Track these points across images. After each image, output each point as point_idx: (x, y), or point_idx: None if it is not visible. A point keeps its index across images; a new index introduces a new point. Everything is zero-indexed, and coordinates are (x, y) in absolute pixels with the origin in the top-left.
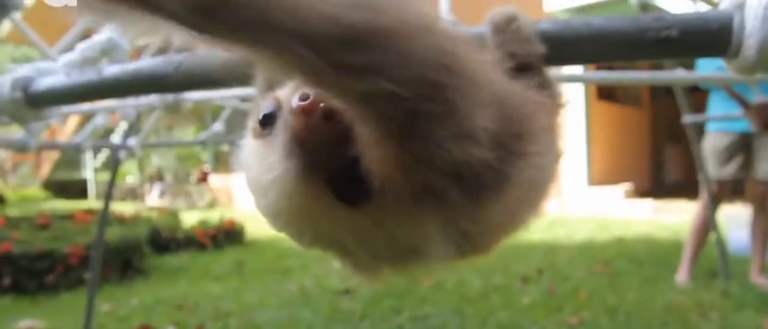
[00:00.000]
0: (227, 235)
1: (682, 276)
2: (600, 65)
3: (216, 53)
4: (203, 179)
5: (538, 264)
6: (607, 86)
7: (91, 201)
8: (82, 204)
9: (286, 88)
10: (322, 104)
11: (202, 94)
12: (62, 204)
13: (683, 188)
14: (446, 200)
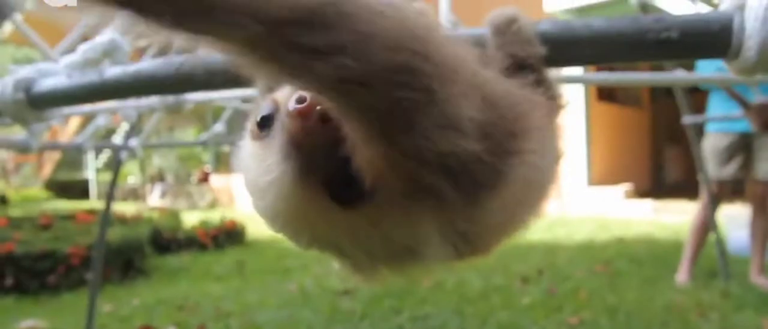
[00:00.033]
0: (228, 235)
1: (682, 276)
2: (600, 66)
3: (215, 54)
4: (204, 179)
5: (538, 264)
6: (607, 86)
7: (93, 202)
8: (84, 205)
9: (285, 90)
10: (319, 107)
11: (203, 95)
12: (64, 204)
13: (683, 188)
14: (441, 198)
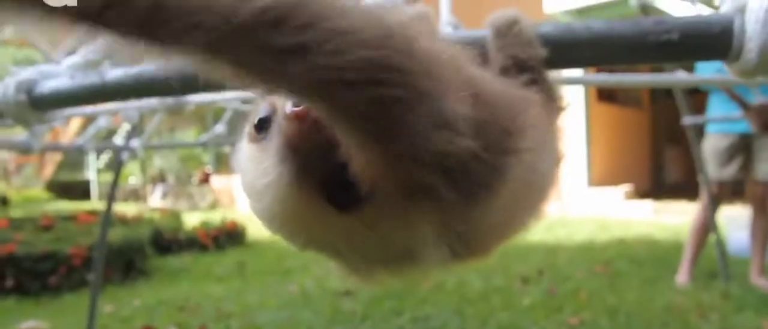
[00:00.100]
0: (229, 236)
1: (682, 277)
2: (600, 67)
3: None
4: (205, 180)
5: (538, 264)
6: (607, 87)
7: (94, 202)
8: (85, 205)
9: None
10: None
11: (204, 96)
12: (65, 205)
13: (683, 189)
14: (438, 199)
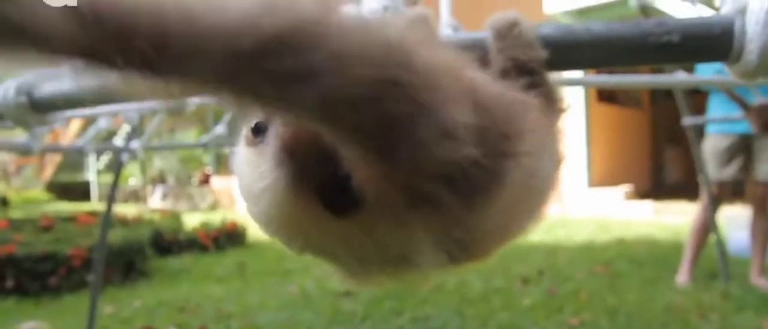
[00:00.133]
0: (229, 237)
1: (682, 277)
2: (600, 69)
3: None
4: (205, 181)
5: (538, 265)
6: (607, 88)
7: (94, 203)
8: (85, 206)
9: None
10: None
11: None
12: (65, 206)
13: (683, 189)
14: (438, 205)
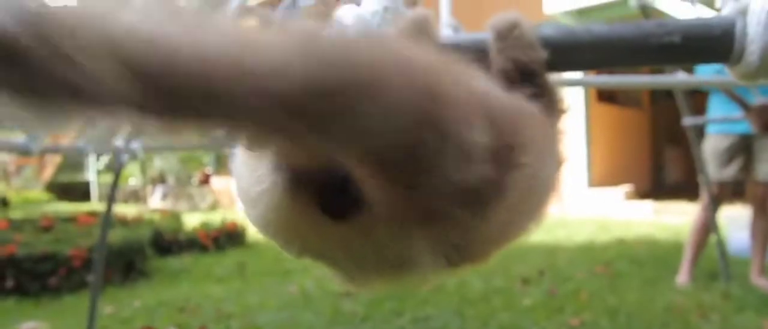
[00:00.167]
0: (229, 237)
1: (682, 278)
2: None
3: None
4: (205, 181)
5: (538, 265)
6: (607, 88)
7: (94, 203)
8: (85, 207)
9: None
10: None
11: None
12: (65, 207)
13: (683, 189)
14: (447, 220)
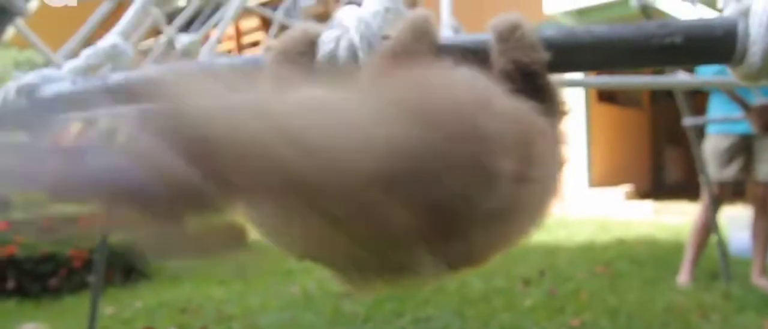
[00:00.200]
0: None
1: (683, 278)
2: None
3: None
4: None
5: (539, 265)
6: (607, 88)
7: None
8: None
9: None
10: None
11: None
12: (66, 207)
13: (684, 189)
14: (458, 235)
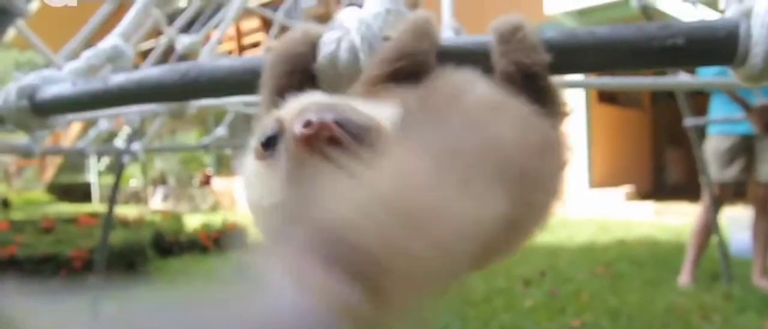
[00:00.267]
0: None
1: (684, 278)
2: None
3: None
4: (206, 182)
5: (539, 266)
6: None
7: (95, 204)
8: (86, 208)
9: (289, 108)
10: (326, 132)
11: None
12: (66, 208)
13: (684, 190)
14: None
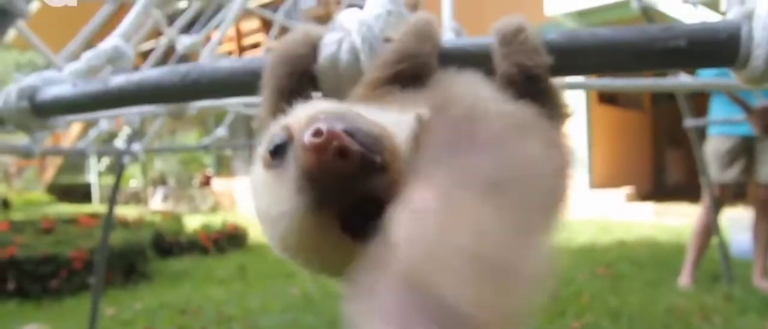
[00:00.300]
0: (230, 239)
1: (684, 280)
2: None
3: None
4: (206, 183)
5: None
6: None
7: (95, 205)
8: (86, 208)
9: (297, 115)
10: (336, 142)
11: (207, 101)
12: (66, 208)
13: (685, 191)
14: None
